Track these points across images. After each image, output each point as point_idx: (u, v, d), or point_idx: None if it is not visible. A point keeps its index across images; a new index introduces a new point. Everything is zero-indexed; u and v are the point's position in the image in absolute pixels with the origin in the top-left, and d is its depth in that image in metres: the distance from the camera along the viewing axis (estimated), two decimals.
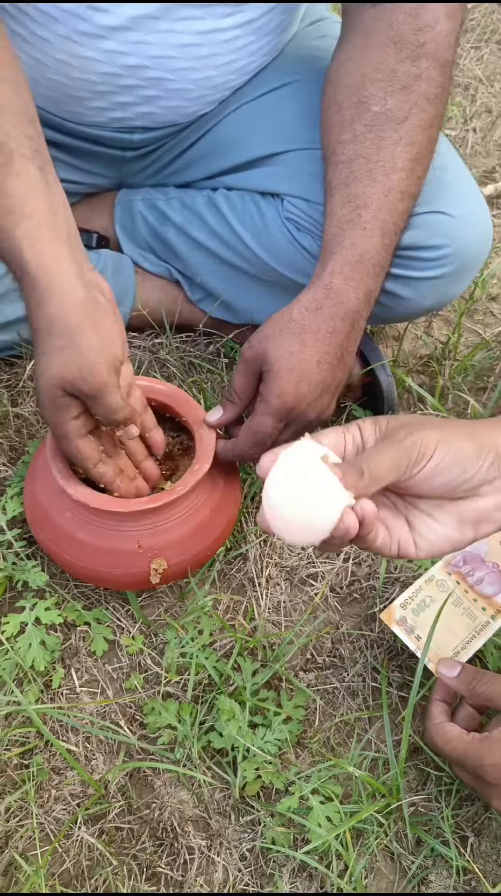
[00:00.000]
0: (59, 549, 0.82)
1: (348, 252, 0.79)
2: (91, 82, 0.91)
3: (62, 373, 0.70)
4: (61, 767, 0.79)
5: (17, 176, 0.70)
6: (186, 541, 0.83)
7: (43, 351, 0.70)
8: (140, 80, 0.91)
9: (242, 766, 0.77)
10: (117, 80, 0.91)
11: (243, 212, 0.99)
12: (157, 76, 0.90)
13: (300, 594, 0.92)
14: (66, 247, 0.71)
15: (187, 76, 0.92)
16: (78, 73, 0.90)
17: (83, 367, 0.70)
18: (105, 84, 0.91)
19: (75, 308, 0.70)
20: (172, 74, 0.91)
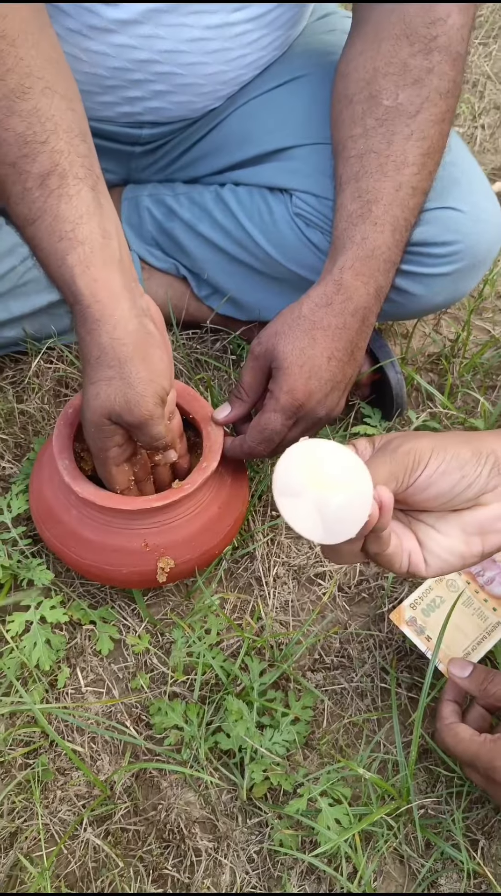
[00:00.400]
0: (65, 546, 0.81)
1: (358, 247, 0.78)
2: (100, 77, 0.90)
3: (109, 403, 0.70)
4: (66, 768, 0.78)
5: (70, 199, 0.69)
6: (193, 539, 0.82)
7: (92, 379, 0.70)
8: (149, 75, 0.90)
9: (249, 767, 0.76)
10: (127, 75, 0.90)
11: (251, 207, 0.98)
12: (167, 71, 0.90)
13: (308, 593, 0.91)
14: (118, 273, 0.71)
15: (197, 71, 0.91)
16: (87, 67, 0.89)
17: (130, 400, 0.70)
18: (114, 79, 0.90)
19: (126, 339, 0.70)
20: (182, 69, 0.90)
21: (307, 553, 0.93)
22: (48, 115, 0.69)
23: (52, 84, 0.70)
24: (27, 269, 0.95)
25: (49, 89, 0.69)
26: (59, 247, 0.69)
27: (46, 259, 0.70)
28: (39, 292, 0.97)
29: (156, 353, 0.72)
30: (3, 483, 0.96)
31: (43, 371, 1.04)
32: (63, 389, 1.03)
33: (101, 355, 0.69)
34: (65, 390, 1.04)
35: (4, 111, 0.67)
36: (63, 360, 1.05)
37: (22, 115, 0.68)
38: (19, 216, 0.70)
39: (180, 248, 1.05)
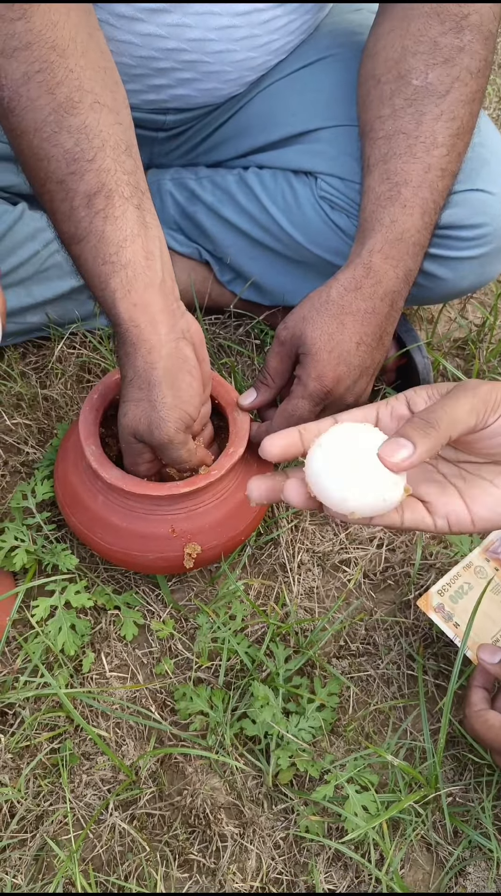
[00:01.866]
0: (92, 532, 0.81)
1: (387, 230, 0.77)
2: (126, 66, 0.89)
3: (135, 423, 0.73)
4: (92, 752, 0.78)
5: (115, 220, 0.70)
6: (220, 525, 0.81)
7: (125, 398, 0.74)
8: (176, 63, 0.89)
9: (275, 753, 0.75)
10: (153, 64, 0.89)
11: (275, 191, 0.97)
12: (194, 59, 0.89)
13: (333, 580, 0.90)
14: (159, 296, 0.72)
15: (225, 58, 0.90)
16: (114, 56, 0.88)
17: (152, 422, 0.72)
18: (140, 67, 0.89)
19: (158, 363, 0.71)
20: (210, 57, 0.89)
21: (332, 539, 0.92)
22: (96, 132, 0.69)
23: (101, 97, 0.70)
24: (50, 253, 0.94)
25: (98, 103, 0.69)
26: (103, 270, 0.70)
27: (90, 280, 0.72)
28: (62, 277, 0.97)
29: (186, 378, 0.73)
30: (26, 468, 0.96)
31: (66, 356, 1.03)
32: (86, 375, 1.03)
33: (134, 377, 0.72)
34: (88, 375, 1.03)
35: (54, 126, 0.68)
36: (86, 345, 1.04)
37: (71, 132, 0.68)
38: (65, 233, 0.71)
39: (203, 232, 1.04)
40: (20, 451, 0.97)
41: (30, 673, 0.80)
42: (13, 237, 0.92)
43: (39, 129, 0.68)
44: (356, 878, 0.72)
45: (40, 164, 0.69)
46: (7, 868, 0.71)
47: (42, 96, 0.67)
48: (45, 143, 0.68)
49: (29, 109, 0.68)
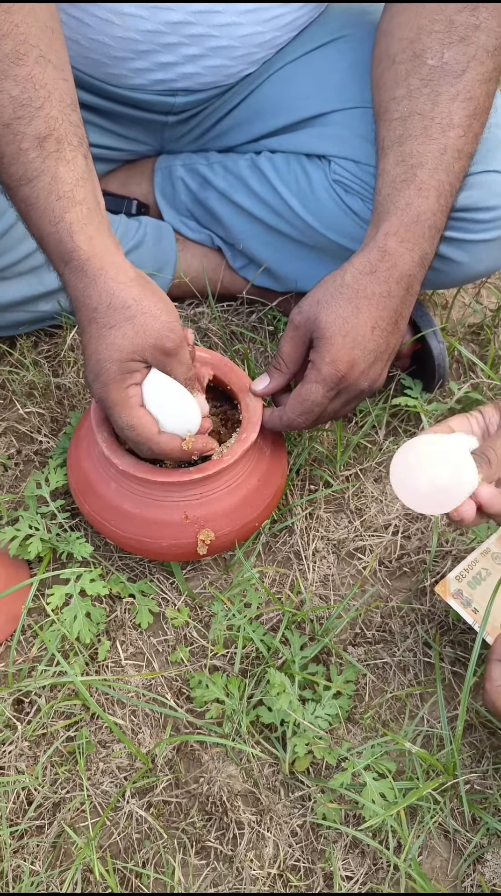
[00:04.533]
0: (105, 520, 0.81)
1: (403, 213, 0.76)
2: (133, 41, 0.88)
3: (139, 338, 0.71)
4: (108, 740, 0.78)
5: (67, 162, 0.71)
6: (233, 511, 0.81)
7: (108, 324, 0.71)
8: (183, 38, 0.88)
9: (292, 741, 0.75)
10: (160, 38, 0.88)
11: (288, 175, 0.96)
12: (200, 33, 0.87)
13: (348, 567, 0.90)
14: (111, 238, 0.74)
15: (232, 32, 0.89)
16: (120, 31, 0.87)
17: (164, 327, 0.72)
18: (147, 42, 0.88)
19: (132, 282, 0.72)
20: (216, 31, 0.88)
21: (347, 527, 0.92)
22: (42, 83, 0.70)
23: (46, 53, 0.71)
24: None
25: (43, 58, 0.71)
26: (58, 205, 0.70)
27: (40, 217, 0.71)
28: None
29: (160, 292, 0.74)
30: (40, 457, 0.96)
31: (78, 345, 1.03)
32: None
33: (111, 300, 0.71)
34: None
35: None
36: None
37: (17, 80, 0.69)
38: (12, 176, 0.71)
39: (215, 218, 1.03)
40: (33, 439, 0.96)
41: (46, 661, 0.80)
42: (22, 226, 0.91)
43: None
44: (374, 865, 0.72)
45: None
46: (25, 855, 0.71)
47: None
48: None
49: None
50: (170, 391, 0.75)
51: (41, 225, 0.71)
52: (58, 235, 0.71)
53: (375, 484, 0.95)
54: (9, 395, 0.99)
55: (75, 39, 0.89)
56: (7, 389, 1.00)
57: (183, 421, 0.76)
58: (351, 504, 0.93)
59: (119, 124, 1.01)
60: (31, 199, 0.71)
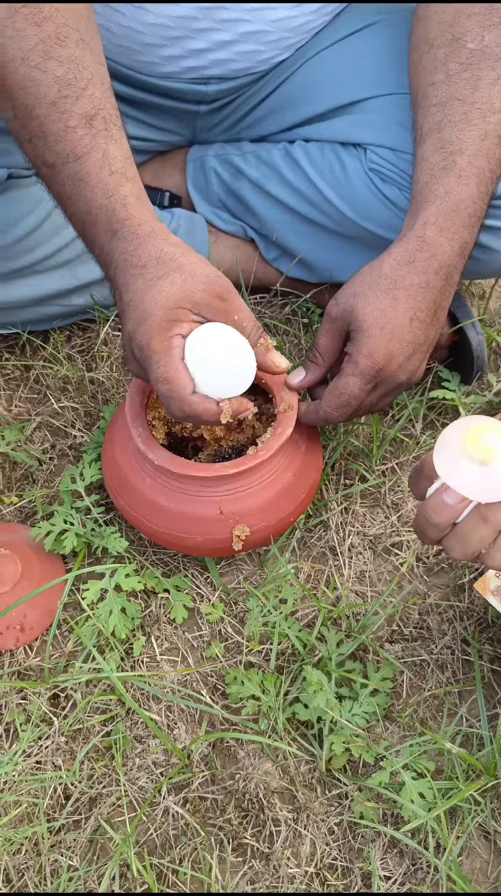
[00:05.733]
0: (140, 515, 0.80)
1: (442, 201, 0.75)
2: (165, 27, 0.87)
3: (188, 284, 0.69)
4: (143, 736, 0.78)
5: (115, 141, 0.71)
6: (268, 506, 0.80)
7: (157, 275, 0.69)
8: (215, 23, 0.87)
9: (328, 738, 0.74)
10: (191, 24, 0.87)
11: (322, 164, 0.94)
12: (232, 17, 0.86)
13: (385, 563, 0.88)
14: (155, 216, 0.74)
15: (264, 16, 0.87)
16: (152, 17, 0.86)
17: (212, 272, 0.71)
18: (179, 28, 0.87)
19: (180, 243, 0.72)
20: (249, 15, 0.86)
21: (383, 522, 0.91)
22: (85, 65, 0.70)
23: (85, 36, 0.72)
24: None
25: (83, 41, 0.71)
26: (111, 180, 0.70)
27: (92, 191, 0.70)
28: None
29: None
30: (74, 451, 0.96)
31: (111, 339, 1.02)
32: None
33: (160, 255, 0.70)
34: None
35: (41, 55, 0.69)
36: None
37: (60, 61, 0.69)
38: (59, 153, 0.71)
39: (248, 209, 1.02)
40: (67, 434, 0.96)
41: (82, 658, 0.80)
42: (57, 218, 0.91)
43: (27, 57, 0.68)
44: (413, 865, 0.71)
45: (28, 90, 0.69)
46: (62, 850, 0.71)
47: (28, 27, 0.69)
48: (34, 70, 0.69)
49: (15, 39, 0.69)
50: (222, 343, 0.70)
51: (93, 198, 0.70)
52: (111, 207, 0.70)
53: None
54: (43, 389, 0.99)
55: (107, 27, 0.89)
56: (41, 384, 1.00)
57: (230, 379, 0.71)
58: (387, 499, 0.92)
59: (151, 115, 1.00)
60: (80, 174, 0.70)
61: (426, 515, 0.62)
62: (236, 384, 0.72)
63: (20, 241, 0.89)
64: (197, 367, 0.70)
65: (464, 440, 0.59)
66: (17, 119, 0.71)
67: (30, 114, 0.70)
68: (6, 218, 0.87)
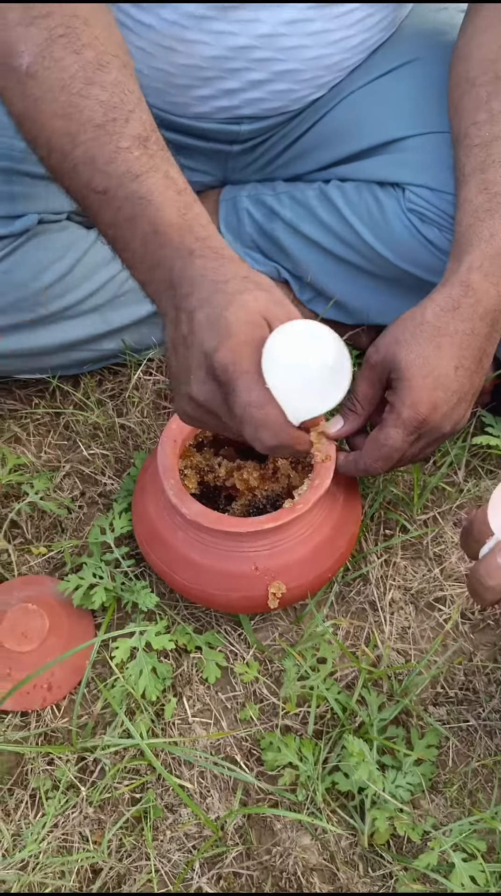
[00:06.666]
0: (171, 570, 0.77)
1: (487, 245, 0.71)
2: (197, 68, 0.85)
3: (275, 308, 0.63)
4: (175, 804, 0.74)
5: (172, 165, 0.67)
6: (305, 562, 0.76)
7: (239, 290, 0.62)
8: (248, 63, 0.85)
9: (371, 813, 0.70)
10: (224, 64, 0.85)
11: (359, 204, 0.91)
12: (265, 57, 0.84)
13: (428, 620, 0.84)
14: None
15: (297, 55, 0.85)
16: (183, 58, 0.85)
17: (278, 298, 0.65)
18: (211, 69, 0.86)
19: None
20: (282, 54, 0.85)
21: (426, 575, 0.86)
22: (131, 89, 0.67)
23: (127, 64, 0.68)
24: (126, 278, 0.91)
25: (125, 68, 0.67)
26: (181, 199, 0.65)
27: (158, 210, 0.64)
28: (139, 302, 0.94)
29: None
30: (104, 499, 0.93)
31: (142, 383, 1.00)
32: (163, 402, 1.00)
33: (247, 274, 0.64)
34: (164, 402, 1.00)
35: (83, 81, 0.65)
36: (162, 371, 1.01)
37: (104, 86, 0.66)
38: (113, 175, 0.65)
39: (282, 250, 0.99)
40: (97, 481, 0.94)
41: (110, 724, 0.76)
42: (88, 263, 0.89)
43: (67, 85, 0.65)
44: None
45: (70, 117, 0.65)
46: None
47: (68, 56, 0.65)
48: (76, 97, 0.65)
49: (54, 69, 0.65)
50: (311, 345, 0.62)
51: (162, 216, 0.64)
52: (186, 224, 0.64)
53: (455, 529, 0.90)
54: (73, 436, 0.97)
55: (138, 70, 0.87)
56: (71, 430, 0.98)
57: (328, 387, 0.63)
58: (430, 551, 0.88)
59: (183, 155, 0.99)
60: (141, 192, 0.65)
61: (480, 578, 0.58)
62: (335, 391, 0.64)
63: (51, 287, 0.87)
64: (285, 378, 0.61)
65: None
66: (56, 152, 0.67)
67: (73, 141, 0.65)
68: (36, 264, 0.86)
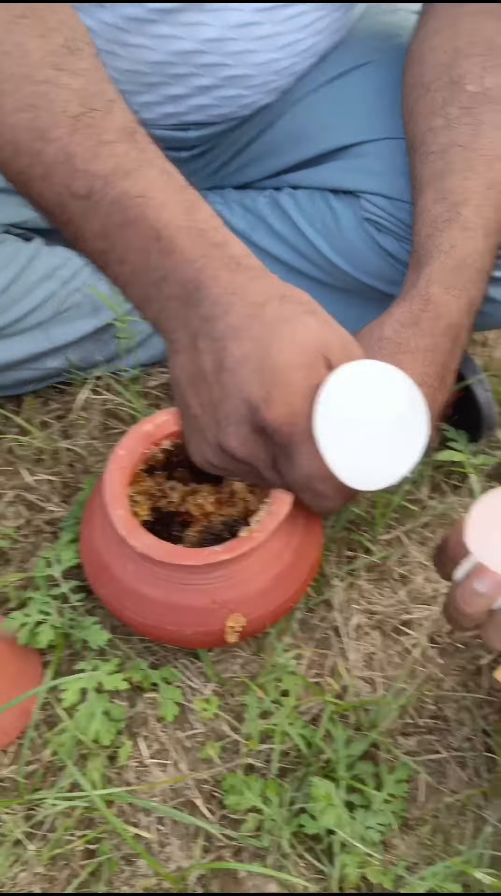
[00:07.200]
0: (122, 605, 0.72)
1: (447, 256, 0.68)
2: (140, 73, 0.81)
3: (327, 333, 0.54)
4: (133, 855, 0.69)
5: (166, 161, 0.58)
6: (265, 593, 0.72)
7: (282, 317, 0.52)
8: (194, 68, 0.81)
9: (340, 858, 0.66)
10: (169, 69, 0.81)
11: (313, 212, 0.88)
12: (212, 62, 0.80)
13: (394, 645, 0.81)
14: None
15: (246, 60, 0.81)
16: (126, 63, 0.80)
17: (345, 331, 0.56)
18: (155, 75, 0.81)
19: None
20: (230, 59, 0.81)
21: (391, 598, 0.83)
22: (107, 79, 0.58)
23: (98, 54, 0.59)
24: (69, 293, 0.87)
25: (98, 57, 0.58)
26: (184, 197, 0.56)
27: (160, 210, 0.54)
28: (84, 317, 0.89)
29: None
30: (52, 527, 0.88)
31: (90, 403, 0.95)
32: (112, 421, 0.95)
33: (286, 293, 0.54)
34: (114, 421, 0.95)
35: (51, 67, 0.56)
36: (111, 389, 0.96)
37: (77, 73, 0.56)
38: (97, 174, 0.55)
39: None
40: (43, 509, 0.89)
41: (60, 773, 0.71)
42: (28, 277, 0.84)
43: (32, 74, 0.55)
44: None
45: (38, 110, 0.55)
46: None
47: (31, 40, 0.56)
48: (44, 85, 0.55)
49: (15, 55, 0.56)
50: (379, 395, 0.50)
51: (166, 217, 0.54)
52: (198, 228, 0.54)
53: (420, 547, 0.87)
54: (15, 461, 0.92)
55: None
56: (14, 454, 0.92)
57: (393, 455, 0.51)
58: (395, 572, 0.85)
59: None
60: (136, 190, 0.55)
61: (457, 605, 0.55)
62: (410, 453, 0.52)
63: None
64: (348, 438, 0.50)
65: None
66: (23, 154, 0.56)
67: (44, 137, 0.55)
68: None
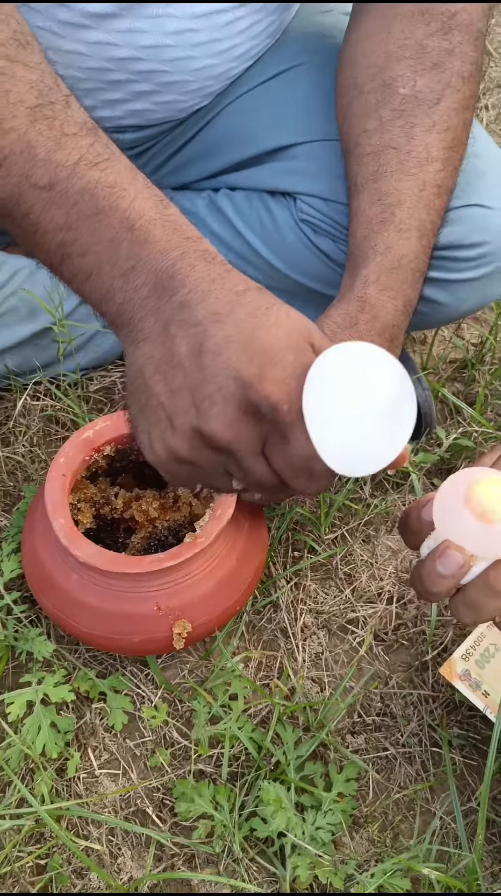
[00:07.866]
0: (67, 615, 0.71)
1: (383, 257, 0.69)
2: (75, 79, 0.79)
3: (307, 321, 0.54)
4: (84, 868, 0.68)
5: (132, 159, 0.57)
6: (211, 597, 0.72)
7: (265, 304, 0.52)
8: (131, 75, 0.80)
9: (291, 860, 0.66)
10: (105, 76, 0.79)
11: (250, 214, 0.88)
12: (150, 69, 0.79)
13: (341, 643, 0.81)
14: None
15: (184, 66, 0.80)
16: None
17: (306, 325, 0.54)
18: (91, 80, 0.80)
19: None
20: (167, 66, 0.80)
21: (337, 597, 0.84)
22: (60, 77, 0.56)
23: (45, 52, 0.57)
24: (4, 297, 0.85)
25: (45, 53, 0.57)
26: (154, 192, 0.55)
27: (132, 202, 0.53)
28: (21, 322, 0.87)
29: None
30: None
31: (29, 409, 0.93)
32: (53, 427, 0.93)
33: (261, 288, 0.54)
34: (55, 427, 0.94)
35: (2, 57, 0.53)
36: (50, 395, 0.95)
37: (30, 66, 0.54)
38: (61, 164, 0.53)
39: None
40: None
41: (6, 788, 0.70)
42: None
43: None
44: None
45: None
46: None
47: None
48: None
49: None
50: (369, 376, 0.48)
51: (138, 208, 0.53)
52: (170, 222, 0.54)
53: (364, 545, 0.87)
54: None
55: None
56: None
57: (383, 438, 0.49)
58: (339, 571, 0.85)
59: None
60: (107, 180, 0.53)
61: (423, 582, 0.56)
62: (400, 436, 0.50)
63: None
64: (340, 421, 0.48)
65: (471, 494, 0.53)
66: None
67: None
68: None
